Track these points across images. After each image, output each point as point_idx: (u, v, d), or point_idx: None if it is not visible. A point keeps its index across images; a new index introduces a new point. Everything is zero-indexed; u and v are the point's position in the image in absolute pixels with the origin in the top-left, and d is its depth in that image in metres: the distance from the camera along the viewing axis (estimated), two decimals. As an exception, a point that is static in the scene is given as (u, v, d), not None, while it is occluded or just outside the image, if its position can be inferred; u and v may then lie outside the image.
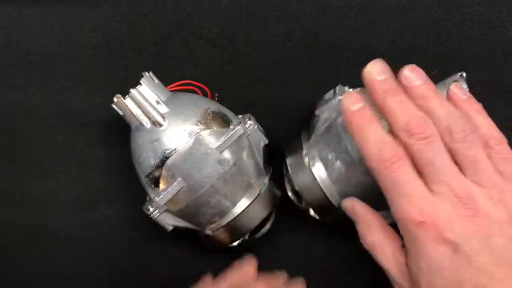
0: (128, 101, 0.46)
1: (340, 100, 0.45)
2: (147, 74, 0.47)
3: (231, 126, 0.47)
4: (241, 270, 0.49)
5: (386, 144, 0.39)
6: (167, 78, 0.50)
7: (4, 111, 0.58)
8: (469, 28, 0.54)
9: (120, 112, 0.47)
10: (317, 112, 0.47)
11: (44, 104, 0.57)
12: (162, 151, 0.45)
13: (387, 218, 0.43)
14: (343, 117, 0.42)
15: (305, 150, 0.48)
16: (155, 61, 0.57)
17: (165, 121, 0.46)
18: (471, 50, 0.55)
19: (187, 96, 0.50)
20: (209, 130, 0.46)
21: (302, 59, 0.56)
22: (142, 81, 0.46)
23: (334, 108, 0.46)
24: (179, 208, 0.47)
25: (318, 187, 0.46)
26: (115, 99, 0.46)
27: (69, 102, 0.58)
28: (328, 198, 0.46)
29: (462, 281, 0.36)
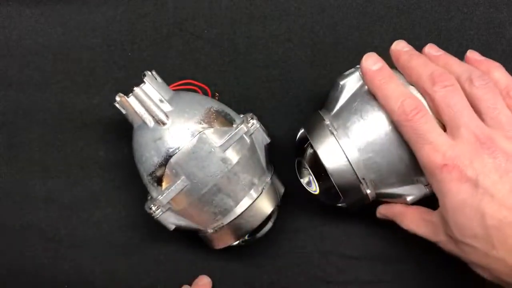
0: (131, 100, 0.46)
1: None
2: (150, 73, 0.47)
3: (234, 125, 0.47)
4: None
5: (407, 97, 0.42)
6: (167, 78, 0.50)
7: (4, 111, 0.58)
8: (469, 28, 0.55)
9: (123, 111, 0.47)
10: (342, 82, 0.47)
11: (44, 104, 0.57)
12: (165, 150, 0.45)
13: (411, 193, 0.46)
14: (364, 78, 0.45)
15: (327, 120, 0.47)
16: (155, 61, 0.57)
17: (168, 120, 0.46)
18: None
19: (190, 95, 0.50)
20: (213, 129, 0.46)
21: (302, 59, 0.57)
22: (145, 79, 0.46)
23: (358, 78, 0.47)
24: (182, 207, 0.47)
25: (344, 157, 0.45)
26: (117, 98, 0.46)
27: (69, 102, 0.57)
28: (354, 169, 0.45)
29: (484, 215, 0.38)
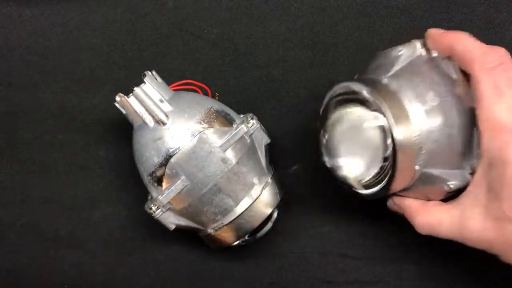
0: (131, 100, 0.46)
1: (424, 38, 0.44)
2: (150, 73, 0.47)
3: (234, 125, 0.47)
4: None
5: (490, 47, 0.40)
6: (167, 78, 0.50)
7: (5, 111, 0.58)
8: (469, 28, 0.55)
9: (123, 111, 0.47)
10: (401, 47, 0.45)
11: (44, 104, 0.58)
12: (165, 150, 0.45)
13: (454, 179, 0.42)
14: (432, 44, 0.43)
15: (386, 79, 0.43)
16: (155, 61, 0.57)
17: (168, 120, 0.46)
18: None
19: (190, 95, 0.50)
20: (213, 129, 0.46)
21: (302, 59, 0.56)
22: (145, 79, 0.46)
23: (416, 47, 0.44)
24: (182, 206, 0.47)
25: (412, 122, 0.41)
26: (117, 98, 0.46)
27: (69, 102, 0.58)
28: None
29: None
